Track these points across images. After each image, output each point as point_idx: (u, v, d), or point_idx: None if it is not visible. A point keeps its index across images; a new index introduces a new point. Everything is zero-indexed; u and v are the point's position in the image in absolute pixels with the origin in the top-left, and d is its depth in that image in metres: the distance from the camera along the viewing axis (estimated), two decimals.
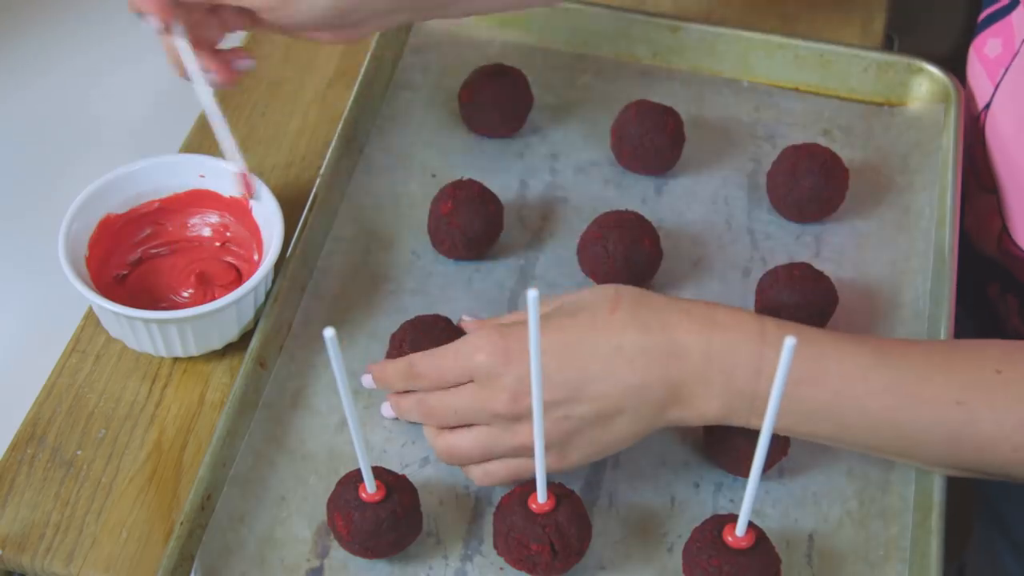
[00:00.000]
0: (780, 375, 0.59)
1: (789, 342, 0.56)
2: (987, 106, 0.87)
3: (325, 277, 0.87)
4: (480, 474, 0.75)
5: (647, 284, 0.86)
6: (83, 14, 1.08)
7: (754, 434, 0.64)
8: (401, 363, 0.75)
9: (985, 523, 1.07)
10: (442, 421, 0.74)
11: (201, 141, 0.96)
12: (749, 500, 0.65)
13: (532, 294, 0.58)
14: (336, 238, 0.89)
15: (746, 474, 0.69)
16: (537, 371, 0.63)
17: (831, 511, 0.77)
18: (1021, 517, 1.03)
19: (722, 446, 0.77)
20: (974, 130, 0.93)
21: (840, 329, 0.84)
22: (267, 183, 0.85)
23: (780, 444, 0.76)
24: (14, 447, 0.80)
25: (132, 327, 0.79)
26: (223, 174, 0.85)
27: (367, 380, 0.80)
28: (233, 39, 1.03)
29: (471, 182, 0.86)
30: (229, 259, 0.86)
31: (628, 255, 0.83)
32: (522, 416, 0.71)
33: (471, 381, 0.72)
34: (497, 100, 0.92)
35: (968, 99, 0.95)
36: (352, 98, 0.93)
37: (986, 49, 0.87)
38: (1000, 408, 0.69)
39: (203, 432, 0.81)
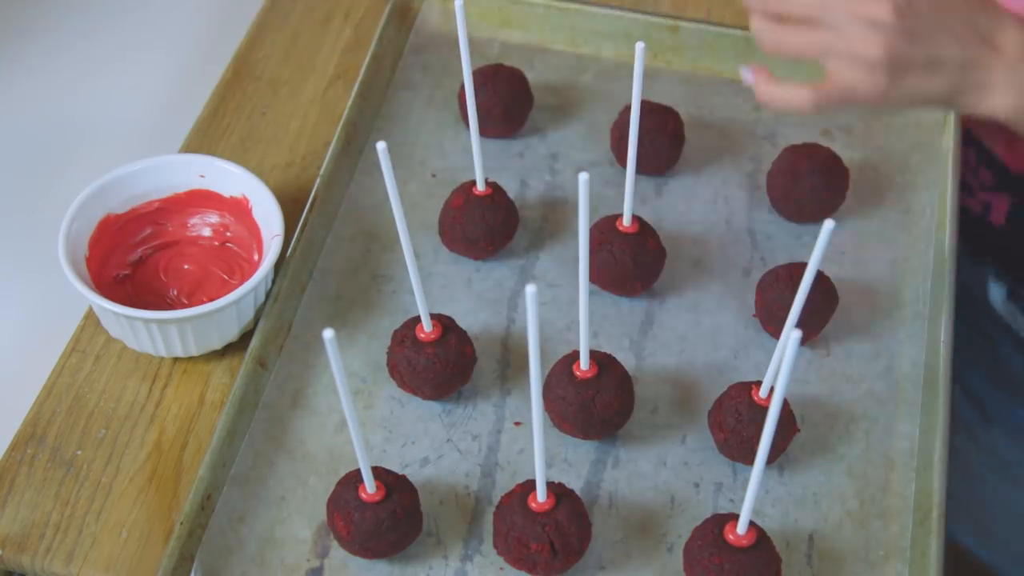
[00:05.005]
0: (785, 371, 0.59)
1: (795, 334, 0.57)
2: None
3: (325, 277, 0.87)
4: (781, 94, 0.78)
5: (653, 282, 0.86)
6: (83, 14, 1.08)
7: None
8: None
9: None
10: (796, 5, 0.76)
11: (201, 141, 0.96)
12: (751, 497, 0.66)
13: (531, 290, 0.59)
14: (336, 238, 0.89)
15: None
16: (537, 374, 0.63)
17: (831, 511, 0.77)
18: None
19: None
20: None
21: (840, 330, 0.85)
22: (267, 183, 0.85)
23: (787, 431, 0.76)
24: (14, 447, 0.80)
25: (132, 327, 0.79)
26: (223, 174, 0.86)
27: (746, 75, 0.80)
28: (235, 32, 1.04)
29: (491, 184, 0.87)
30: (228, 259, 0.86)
31: (636, 257, 0.83)
32: (887, 25, 0.74)
33: None
34: (497, 100, 0.92)
35: None
36: (352, 98, 0.93)
37: None
38: None
39: (203, 432, 0.81)
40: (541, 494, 0.70)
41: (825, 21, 0.76)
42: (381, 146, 0.67)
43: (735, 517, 0.69)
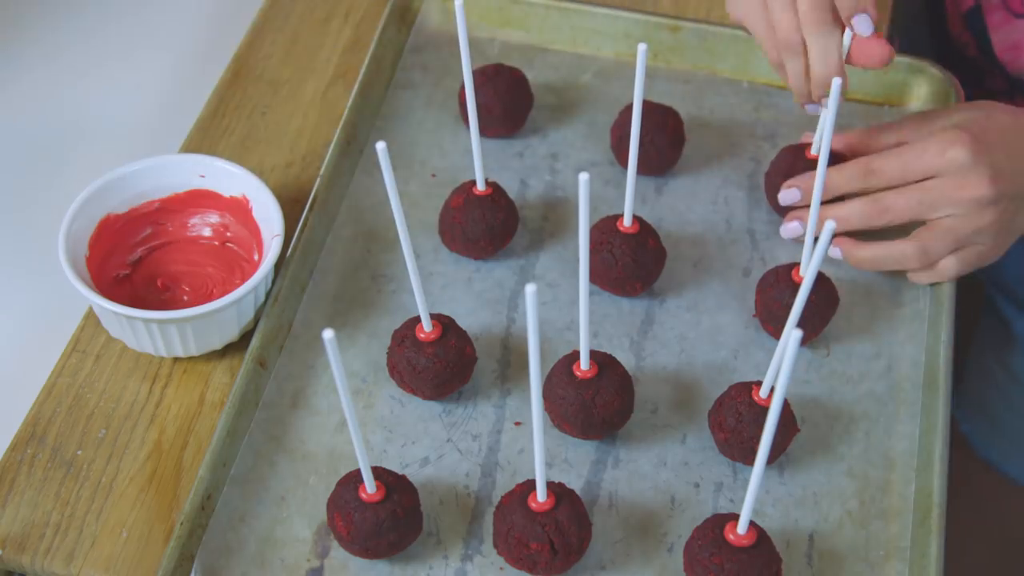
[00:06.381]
0: (785, 371, 0.59)
1: (796, 334, 0.57)
2: None
3: (325, 277, 0.87)
4: (930, 275, 0.83)
5: (653, 282, 0.86)
6: (83, 13, 1.08)
7: None
8: (852, 165, 0.83)
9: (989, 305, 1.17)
10: (898, 216, 0.81)
11: (201, 141, 0.96)
12: (751, 497, 0.66)
13: (531, 289, 0.59)
14: (336, 238, 0.89)
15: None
16: (537, 374, 0.63)
17: (831, 511, 0.77)
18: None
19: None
20: None
21: (840, 330, 0.85)
22: (267, 183, 0.85)
23: (787, 431, 0.76)
24: (14, 447, 0.80)
25: (132, 327, 0.79)
26: (223, 174, 0.86)
27: (788, 196, 0.84)
28: (235, 32, 1.04)
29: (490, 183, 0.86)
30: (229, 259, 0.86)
31: (636, 257, 0.83)
32: (998, 199, 0.79)
33: (933, 178, 0.80)
34: (497, 100, 0.92)
35: None
36: (352, 98, 0.93)
37: None
38: None
39: (203, 432, 0.81)
40: (541, 494, 0.70)
41: (935, 214, 0.81)
42: (381, 146, 0.67)
43: (735, 517, 0.69)
